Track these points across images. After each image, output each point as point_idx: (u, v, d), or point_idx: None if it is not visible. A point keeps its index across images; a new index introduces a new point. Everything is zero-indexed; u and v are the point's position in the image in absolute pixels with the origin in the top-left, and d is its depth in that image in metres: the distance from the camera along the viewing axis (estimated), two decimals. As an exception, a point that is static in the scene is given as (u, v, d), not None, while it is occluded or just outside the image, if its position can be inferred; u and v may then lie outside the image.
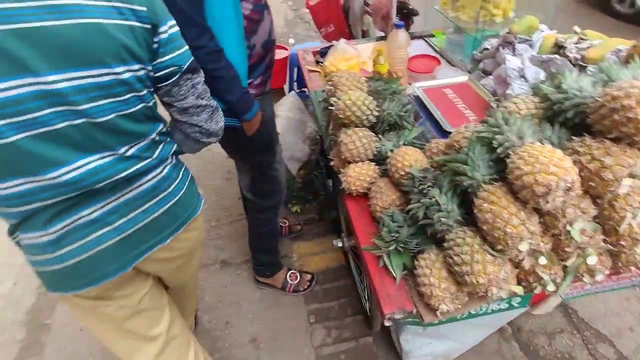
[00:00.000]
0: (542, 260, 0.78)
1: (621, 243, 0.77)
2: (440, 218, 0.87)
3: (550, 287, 0.82)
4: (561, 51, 1.35)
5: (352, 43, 1.96)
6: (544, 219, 0.78)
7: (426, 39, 2.08)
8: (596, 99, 0.75)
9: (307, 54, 2.06)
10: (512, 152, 0.77)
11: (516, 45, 1.42)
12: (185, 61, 0.85)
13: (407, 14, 2.20)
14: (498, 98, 1.36)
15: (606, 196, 0.76)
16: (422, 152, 1.10)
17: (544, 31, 1.52)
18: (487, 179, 0.83)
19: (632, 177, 0.74)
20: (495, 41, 1.55)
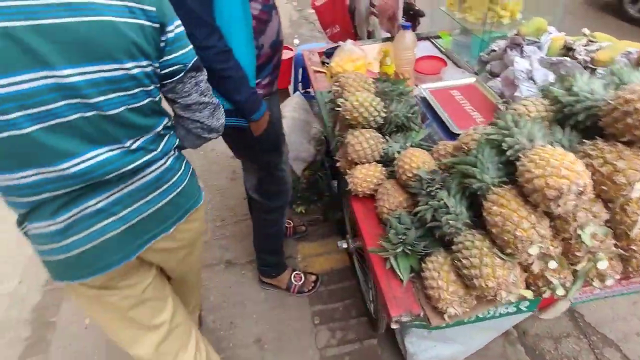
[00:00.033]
0: (552, 264, 0.77)
1: (632, 248, 0.77)
2: (448, 220, 0.87)
3: (559, 292, 0.81)
4: (570, 53, 1.34)
5: (358, 44, 1.95)
6: (554, 223, 0.77)
7: (432, 40, 2.07)
8: (608, 102, 0.74)
9: (313, 55, 2.05)
10: (523, 155, 0.77)
11: (524, 47, 1.41)
12: (190, 59, 0.88)
13: (413, 15, 2.19)
14: (506, 100, 1.35)
15: (618, 200, 0.75)
16: (430, 154, 1.10)
17: (552, 33, 1.51)
18: (497, 182, 0.83)
19: (645, 181, 0.74)
20: (502, 43, 1.54)
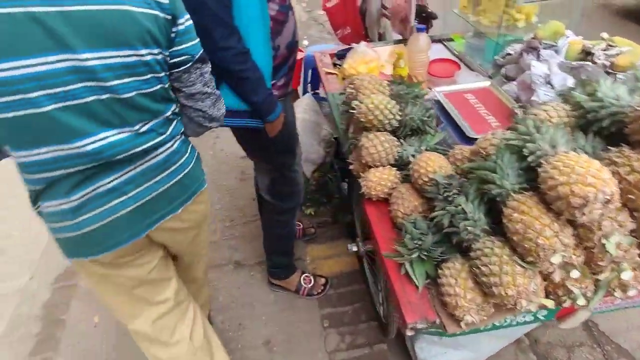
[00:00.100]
0: (575, 273, 0.75)
1: (658, 258, 0.75)
2: (466, 227, 0.85)
3: (580, 302, 0.79)
4: (589, 58, 1.32)
5: (370, 46, 1.94)
6: (577, 231, 0.75)
7: (445, 43, 2.06)
8: (635, 108, 0.73)
9: (325, 56, 2.05)
10: (545, 162, 0.75)
11: (541, 50, 1.39)
12: (197, 51, 0.93)
13: (426, 18, 2.18)
14: (522, 105, 1.33)
15: (644, 209, 0.73)
16: (446, 158, 1.08)
17: (570, 37, 1.49)
18: (517, 188, 0.81)
19: (672, 190, 0.72)
20: (518, 46, 1.52)
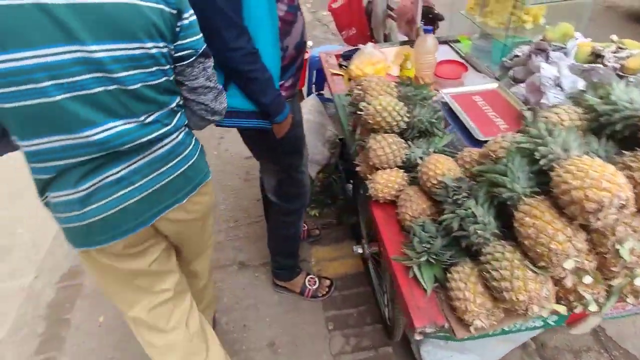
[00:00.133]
0: (587, 279, 0.74)
1: (672, 264, 0.74)
2: (476, 230, 0.84)
3: (592, 307, 0.78)
4: (598, 60, 1.31)
5: (377, 47, 1.94)
6: (590, 236, 0.74)
7: (451, 44, 2.05)
8: (650, 112, 0.72)
9: (330, 57, 2.04)
10: (558, 165, 0.74)
11: (550, 52, 1.38)
12: (200, 46, 0.95)
13: (432, 19, 2.17)
14: (531, 107, 1.32)
15: (658, 214, 0.72)
16: (454, 161, 1.07)
17: (578, 39, 1.47)
18: (528, 192, 0.80)
19: (687, 195, 0.71)
20: (526, 48, 1.51)
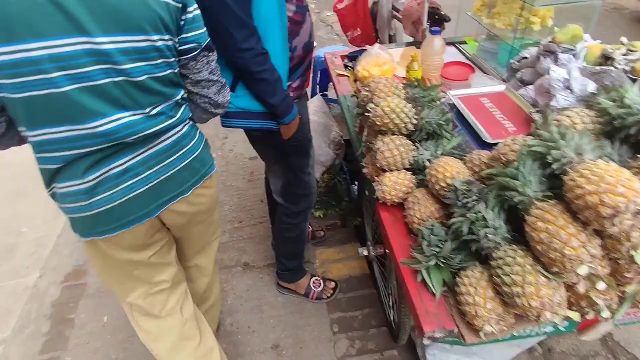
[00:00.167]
0: (601, 285, 0.73)
1: (687, 271, 0.72)
2: (487, 235, 0.83)
3: (605, 314, 0.77)
4: (608, 63, 1.29)
5: (383, 48, 1.93)
6: (605, 242, 0.73)
7: (458, 46, 2.04)
8: (666, 116, 0.71)
9: (336, 58, 2.04)
10: (572, 170, 0.73)
11: (559, 55, 1.37)
12: (204, 40, 0.95)
13: (439, 20, 2.16)
14: (539, 109, 1.31)
15: (674, 220, 0.71)
16: (463, 164, 1.06)
17: (587, 41, 1.46)
18: (540, 196, 0.79)
19: None
20: (534, 50, 1.50)
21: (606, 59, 1.31)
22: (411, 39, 2.28)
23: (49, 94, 0.77)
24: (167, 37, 0.86)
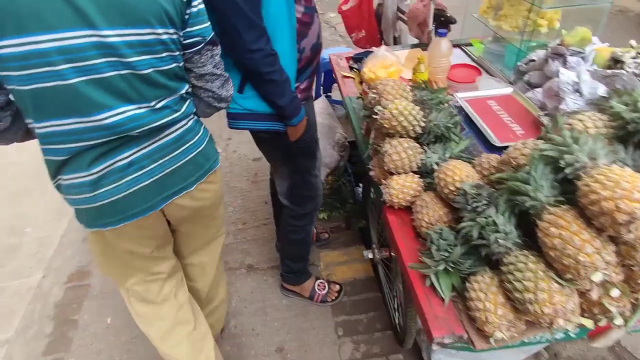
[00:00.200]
0: (615, 292, 0.72)
1: (703, 278, 0.71)
2: (497, 239, 0.82)
3: (617, 321, 0.76)
4: (618, 66, 1.28)
5: (389, 50, 1.92)
6: (619, 248, 0.72)
7: (463, 48, 2.03)
8: (682, 121, 0.69)
9: (341, 60, 2.03)
10: (585, 175, 0.72)
11: (568, 57, 1.36)
12: (208, 34, 0.96)
13: (444, 22, 2.15)
14: (548, 112, 1.30)
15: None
16: (472, 167, 1.05)
17: (596, 44, 1.45)
18: (552, 201, 0.78)
19: None
20: (542, 52, 1.49)
21: (615, 62, 1.30)
22: (415, 41, 2.27)
23: (56, 86, 0.78)
24: (172, 31, 0.86)
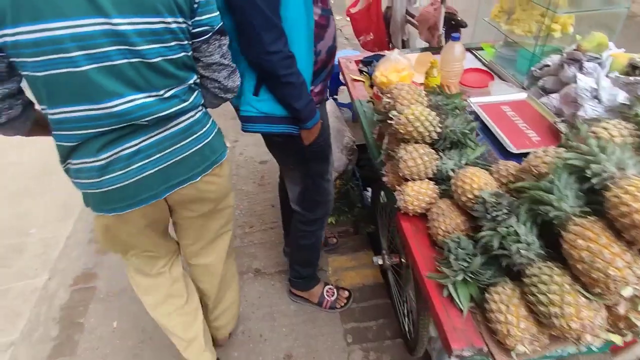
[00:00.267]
0: (644, 307, 0.70)
1: None
2: (519, 250, 0.80)
3: (645, 336, 0.74)
4: (637, 72, 1.26)
5: (401, 54, 1.90)
6: (648, 262, 0.70)
7: (474, 52, 2.01)
8: None
9: (350, 63, 2.02)
10: (614, 185, 0.70)
11: (584, 63, 1.34)
12: (216, 23, 0.96)
13: (455, 26, 2.13)
14: (564, 119, 1.28)
15: None
16: (489, 174, 1.03)
17: (612, 49, 1.43)
18: (577, 212, 0.76)
19: None
20: (557, 58, 1.47)
21: (634, 68, 1.28)
22: (424, 44, 2.26)
23: (69, 73, 0.79)
24: (181, 20, 0.87)
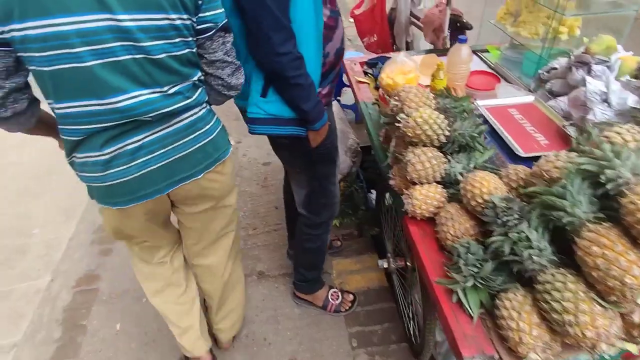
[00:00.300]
0: (661, 315, 0.69)
1: None
2: (531, 256, 0.79)
3: (660, 344, 0.73)
4: (647, 75, 1.25)
5: (408, 56, 1.89)
6: (665, 269, 0.69)
7: (479, 55, 2.00)
8: None
9: (355, 65, 2.01)
10: (630, 192, 0.69)
11: (593, 66, 1.33)
12: (221, 20, 0.97)
13: (460, 28, 2.13)
14: (573, 122, 1.27)
15: None
16: (498, 178, 1.02)
17: (620, 52, 1.42)
18: (591, 217, 0.75)
19: None
20: (564, 60, 1.46)
21: (643, 72, 1.27)
22: (428, 46, 2.25)
23: (74, 68, 0.81)
24: (185, 17, 0.88)
